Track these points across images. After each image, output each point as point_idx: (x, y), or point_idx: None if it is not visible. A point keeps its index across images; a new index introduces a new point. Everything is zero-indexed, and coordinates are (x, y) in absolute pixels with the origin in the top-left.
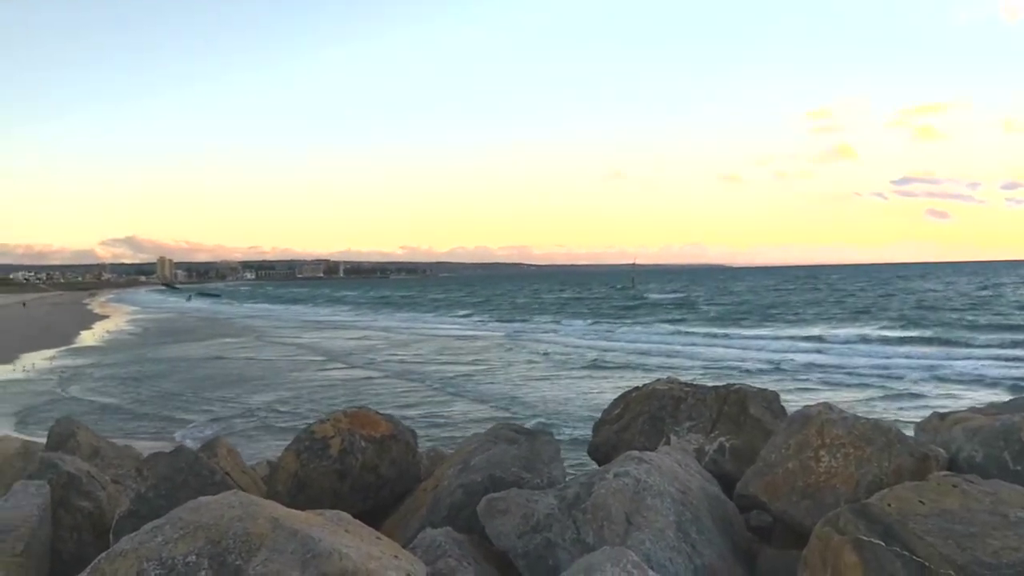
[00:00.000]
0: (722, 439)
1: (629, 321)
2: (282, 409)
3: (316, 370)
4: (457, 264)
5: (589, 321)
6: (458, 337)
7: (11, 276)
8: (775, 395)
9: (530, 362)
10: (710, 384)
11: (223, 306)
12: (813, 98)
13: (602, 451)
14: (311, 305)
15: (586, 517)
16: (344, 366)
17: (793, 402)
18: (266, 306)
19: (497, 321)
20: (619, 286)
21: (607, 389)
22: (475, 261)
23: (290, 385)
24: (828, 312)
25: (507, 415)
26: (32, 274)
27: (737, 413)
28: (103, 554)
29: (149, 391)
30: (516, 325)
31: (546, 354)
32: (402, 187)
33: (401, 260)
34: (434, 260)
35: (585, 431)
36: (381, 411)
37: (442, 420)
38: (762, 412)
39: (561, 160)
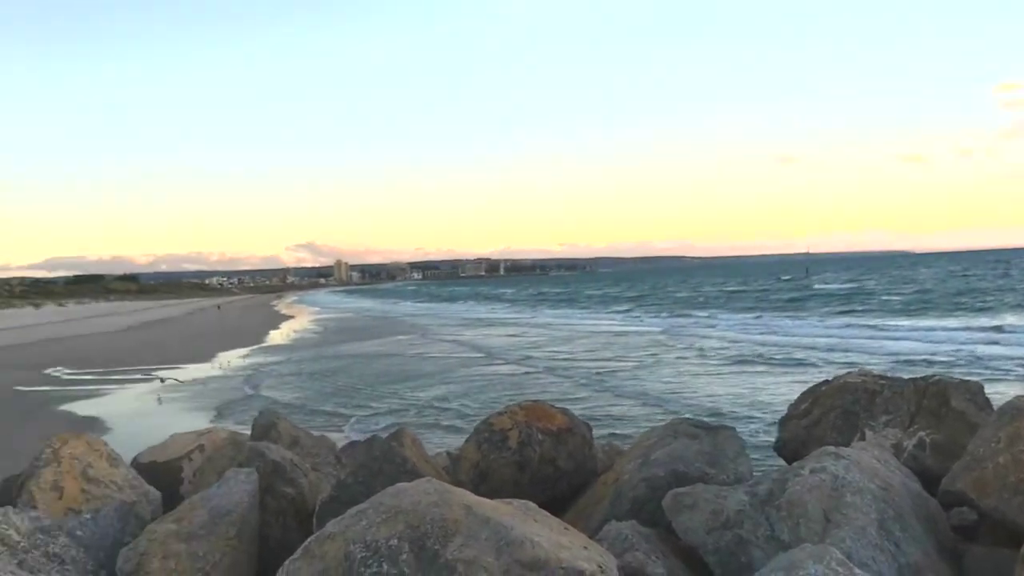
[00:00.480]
0: (922, 434)
1: (797, 313)
2: (446, 405)
3: (476, 366)
4: (616, 259)
5: (754, 315)
6: (615, 333)
7: (207, 282)
8: (979, 386)
9: (689, 358)
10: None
11: (392, 305)
12: (1002, 71)
13: (790, 447)
14: (471, 303)
15: (780, 514)
16: (502, 362)
17: (994, 396)
18: (430, 305)
19: (655, 316)
20: (785, 277)
21: (773, 385)
22: (635, 255)
23: (453, 381)
24: None
25: (668, 413)
26: (225, 279)
27: (938, 406)
28: (312, 537)
29: (331, 385)
30: (675, 320)
31: (705, 349)
32: (561, 184)
33: (560, 256)
34: (593, 256)
35: (753, 427)
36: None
37: (601, 415)
38: (966, 404)
39: (724, 148)
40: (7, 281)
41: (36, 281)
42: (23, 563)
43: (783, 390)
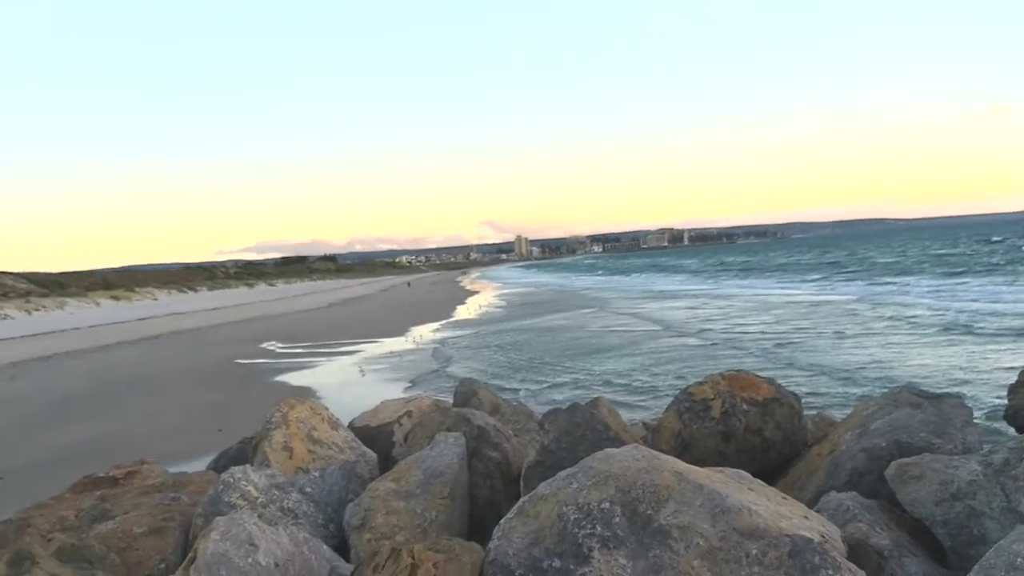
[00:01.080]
0: None
1: (1012, 278)
2: (623, 380)
3: (654, 339)
4: (811, 224)
5: (961, 280)
6: (803, 303)
7: (397, 260)
8: None
9: (888, 327)
10: None
11: (570, 279)
12: None
13: (1022, 415)
14: (651, 275)
15: (1018, 484)
16: (678, 334)
17: None
18: (609, 278)
19: (851, 284)
20: (997, 238)
21: (985, 355)
22: (831, 220)
23: (631, 354)
24: None
25: (862, 387)
26: (414, 257)
27: None
28: (525, 498)
29: (518, 357)
30: (873, 287)
31: (906, 318)
32: (748, 148)
33: (749, 223)
34: (785, 221)
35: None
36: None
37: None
38: None
39: (930, 100)
40: (223, 264)
41: (249, 263)
42: (262, 516)
43: (1000, 360)
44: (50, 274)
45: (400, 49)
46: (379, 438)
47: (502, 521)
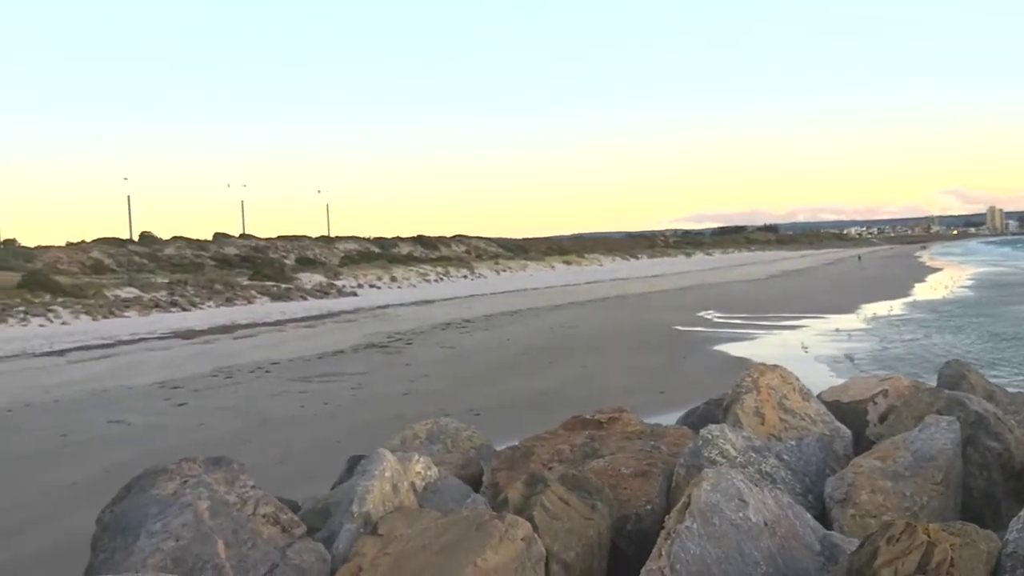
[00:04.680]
0: None
1: None
2: None
3: None
4: None
5: None
6: None
7: (845, 232)
8: None
9: None
10: None
11: None
12: None
13: None
14: None
15: None
16: None
17: None
18: None
19: None
20: None
21: None
22: None
23: None
24: None
25: None
26: (864, 229)
27: None
28: None
29: (995, 349)
30: None
31: None
32: None
33: None
34: None
35: None
36: None
37: None
38: None
39: None
40: (662, 232)
41: (686, 232)
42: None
43: None
44: (515, 240)
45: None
46: (850, 414)
47: (1022, 513)
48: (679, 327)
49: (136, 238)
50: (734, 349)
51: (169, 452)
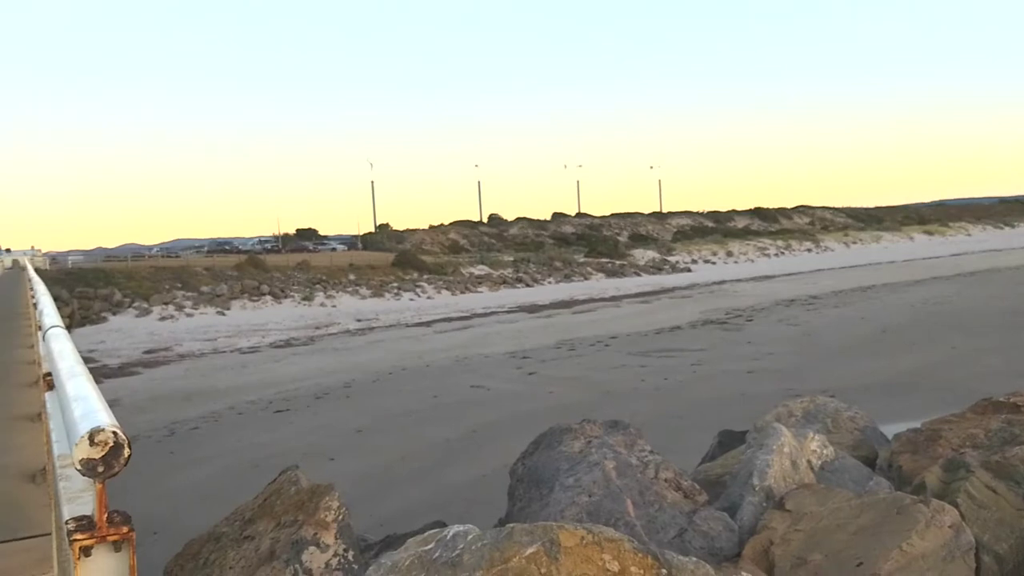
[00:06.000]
0: None
1: None
2: None
3: None
4: None
5: None
6: None
7: None
8: None
9: None
10: None
11: None
12: None
13: None
14: None
15: None
16: None
17: None
18: None
19: None
20: None
21: None
22: None
23: None
24: None
25: None
26: None
27: None
28: None
29: None
30: None
31: None
32: None
33: None
34: None
35: None
36: None
37: None
38: None
39: None
40: None
41: None
42: None
43: None
44: (866, 209)
45: None
46: None
47: None
48: None
49: (486, 220)
50: None
51: (527, 417)
